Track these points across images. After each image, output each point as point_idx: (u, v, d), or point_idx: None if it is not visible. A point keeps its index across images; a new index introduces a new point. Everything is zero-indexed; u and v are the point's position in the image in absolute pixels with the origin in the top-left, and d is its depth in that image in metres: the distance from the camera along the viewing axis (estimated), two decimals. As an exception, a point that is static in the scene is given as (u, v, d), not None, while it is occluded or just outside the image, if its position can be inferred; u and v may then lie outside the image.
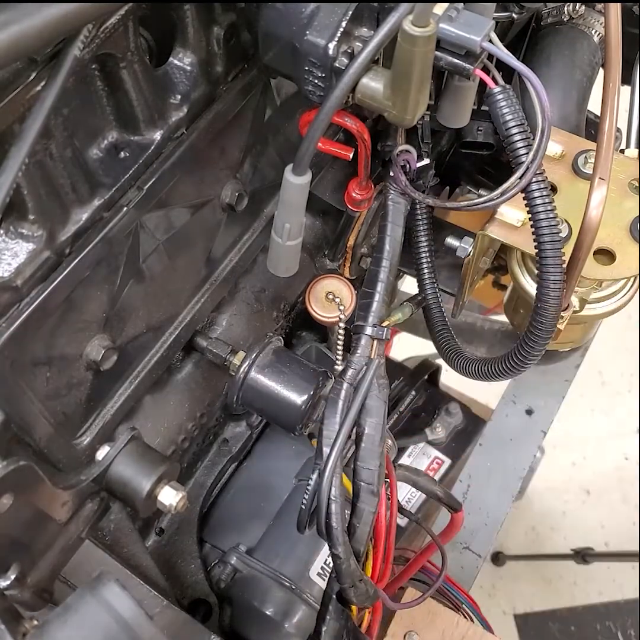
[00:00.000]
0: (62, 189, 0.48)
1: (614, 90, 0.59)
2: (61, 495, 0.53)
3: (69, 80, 0.42)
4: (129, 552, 0.64)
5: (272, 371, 0.62)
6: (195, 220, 0.61)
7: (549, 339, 0.62)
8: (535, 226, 0.55)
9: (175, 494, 0.55)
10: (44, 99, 0.41)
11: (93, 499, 0.58)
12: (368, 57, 0.49)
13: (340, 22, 0.51)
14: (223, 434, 0.79)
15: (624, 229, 0.66)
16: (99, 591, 0.48)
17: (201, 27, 0.54)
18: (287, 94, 0.66)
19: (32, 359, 0.50)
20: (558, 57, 0.72)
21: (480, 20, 0.51)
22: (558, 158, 0.69)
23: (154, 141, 0.53)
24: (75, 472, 0.56)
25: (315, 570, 0.74)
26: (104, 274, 0.54)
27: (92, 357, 0.55)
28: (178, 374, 0.69)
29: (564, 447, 1.77)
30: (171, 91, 0.55)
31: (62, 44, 0.42)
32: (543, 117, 0.53)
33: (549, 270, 0.57)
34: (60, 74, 0.42)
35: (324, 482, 0.55)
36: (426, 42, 0.47)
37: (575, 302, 0.67)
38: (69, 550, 0.57)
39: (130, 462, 0.54)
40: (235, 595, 0.74)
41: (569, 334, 0.72)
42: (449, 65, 0.52)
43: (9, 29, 0.36)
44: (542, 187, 0.54)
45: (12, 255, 0.47)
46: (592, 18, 0.73)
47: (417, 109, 0.51)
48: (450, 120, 0.60)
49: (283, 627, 0.71)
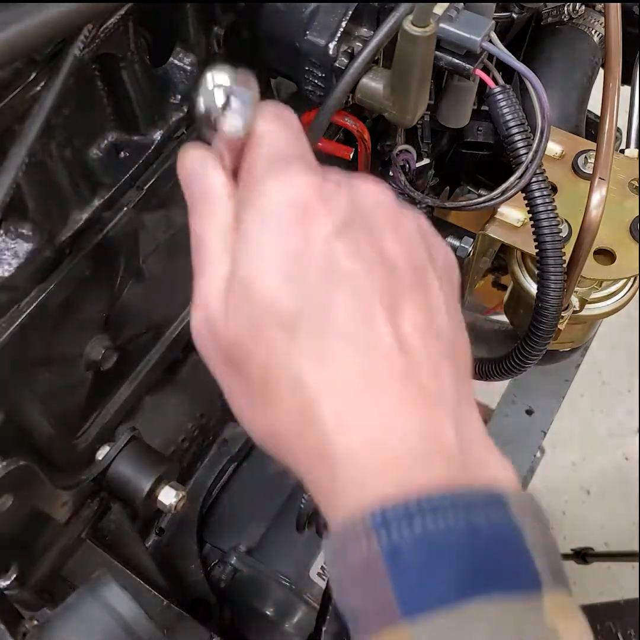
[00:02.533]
0: (62, 189, 0.48)
1: (614, 91, 0.59)
2: (61, 496, 0.53)
3: (69, 80, 0.42)
4: (128, 552, 0.64)
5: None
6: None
7: (549, 339, 0.62)
8: (536, 226, 0.55)
9: (175, 494, 0.55)
10: (43, 99, 0.41)
11: (93, 499, 0.58)
12: (368, 57, 0.49)
13: (341, 22, 0.51)
14: (223, 434, 0.79)
15: (624, 229, 0.66)
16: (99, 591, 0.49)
17: (201, 27, 0.54)
18: (287, 94, 0.66)
19: (32, 359, 0.50)
20: (558, 57, 0.72)
21: (480, 20, 0.51)
22: (558, 158, 0.69)
23: (154, 141, 0.53)
24: (75, 472, 0.56)
25: (315, 570, 0.74)
26: (104, 274, 0.54)
27: (92, 357, 0.55)
28: (178, 373, 0.69)
29: (564, 447, 1.76)
30: (171, 91, 0.54)
31: (62, 44, 0.42)
32: (543, 117, 0.53)
33: (549, 270, 0.57)
34: (60, 74, 0.42)
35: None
36: (426, 42, 0.47)
37: (575, 302, 0.67)
38: (68, 550, 0.57)
39: (130, 462, 0.54)
40: (235, 595, 0.74)
41: (569, 334, 0.72)
42: (449, 65, 0.52)
43: (8, 28, 0.36)
44: (543, 186, 0.54)
45: (12, 255, 0.47)
46: (592, 18, 0.73)
47: (417, 109, 0.52)
48: (450, 120, 0.60)
49: (283, 627, 0.71)
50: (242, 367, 0.33)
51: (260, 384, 0.33)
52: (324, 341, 0.31)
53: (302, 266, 0.32)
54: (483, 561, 0.29)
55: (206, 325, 0.34)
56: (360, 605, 0.30)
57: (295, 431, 0.33)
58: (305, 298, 0.32)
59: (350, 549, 0.30)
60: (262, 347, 0.32)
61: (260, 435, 0.35)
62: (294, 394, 0.32)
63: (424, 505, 0.29)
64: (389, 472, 0.31)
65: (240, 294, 0.33)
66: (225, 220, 0.35)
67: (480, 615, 0.28)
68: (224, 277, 0.34)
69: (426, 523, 0.29)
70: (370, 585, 0.30)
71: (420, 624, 0.28)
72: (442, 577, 0.29)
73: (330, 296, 0.32)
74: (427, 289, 0.34)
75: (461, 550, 0.29)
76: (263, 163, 0.35)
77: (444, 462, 0.31)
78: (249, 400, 0.35)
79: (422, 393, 0.32)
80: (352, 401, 0.31)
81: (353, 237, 0.33)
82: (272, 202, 0.33)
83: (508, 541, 0.30)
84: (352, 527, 0.30)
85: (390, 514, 0.29)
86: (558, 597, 0.30)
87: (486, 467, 0.32)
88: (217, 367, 0.35)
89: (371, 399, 0.31)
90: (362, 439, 0.31)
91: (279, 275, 0.32)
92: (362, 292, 0.32)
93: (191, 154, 0.38)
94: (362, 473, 0.31)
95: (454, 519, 0.29)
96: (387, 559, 0.29)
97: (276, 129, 0.36)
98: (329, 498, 0.32)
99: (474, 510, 0.29)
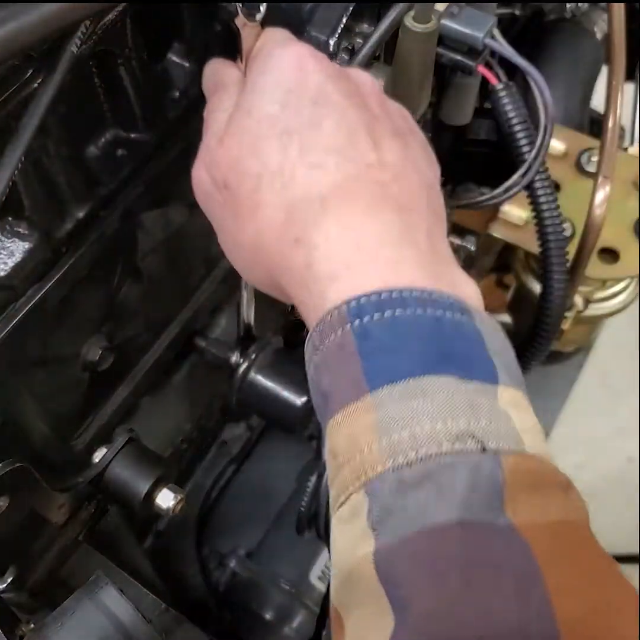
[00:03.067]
0: (59, 187, 0.48)
1: (617, 88, 0.58)
2: (58, 498, 0.53)
3: (66, 77, 0.42)
4: (126, 555, 0.64)
5: (271, 372, 0.61)
6: (194, 218, 0.60)
7: (552, 339, 0.62)
8: (539, 225, 0.55)
9: (174, 496, 0.54)
10: (40, 96, 0.41)
11: (90, 501, 0.57)
12: (369, 53, 0.49)
13: (341, 18, 0.50)
14: (222, 435, 0.78)
15: (629, 228, 0.65)
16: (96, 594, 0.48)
17: (200, 24, 0.53)
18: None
19: (28, 359, 0.50)
20: (561, 55, 0.71)
21: (483, 17, 0.51)
22: (561, 156, 0.69)
23: (152, 139, 0.53)
24: (72, 474, 0.55)
25: (315, 574, 0.74)
26: (101, 273, 0.53)
27: (89, 358, 0.54)
28: (176, 374, 0.69)
29: (566, 448, 1.76)
30: (170, 88, 0.54)
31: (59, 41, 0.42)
32: (545, 114, 0.52)
33: (553, 269, 0.56)
34: (58, 71, 0.41)
35: (323, 483, 0.55)
36: (428, 39, 0.47)
37: (579, 302, 0.66)
38: (66, 553, 0.57)
39: (127, 464, 0.54)
40: (235, 598, 0.73)
41: (573, 334, 0.72)
42: (451, 62, 0.51)
43: (5, 25, 0.36)
44: (546, 184, 0.53)
45: (8, 254, 0.47)
46: (596, 15, 0.73)
47: (419, 106, 0.51)
48: (452, 118, 0.60)
49: (282, 630, 0.71)
50: (236, 186, 0.38)
51: (252, 193, 0.37)
52: (313, 152, 0.36)
53: (298, 96, 0.38)
54: (445, 347, 0.32)
55: (204, 165, 0.40)
56: (331, 384, 0.33)
57: (281, 237, 0.36)
58: (300, 118, 0.37)
59: (326, 335, 0.33)
60: (259, 157, 0.37)
61: (245, 253, 0.40)
62: (283, 195, 0.36)
63: (395, 297, 0.32)
64: (366, 271, 0.34)
65: (241, 117, 0.39)
66: (234, 98, 0.41)
67: (438, 386, 0.31)
68: (224, 120, 0.40)
69: (395, 311, 0.32)
70: (341, 364, 0.32)
71: (384, 392, 0.31)
72: (406, 354, 0.32)
73: (321, 118, 0.37)
74: (405, 139, 0.39)
75: (426, 335, 0.32)
76: (270, 42, 0.42)
77: (417, 265, 0.34)
78: (238, 221, 0.39)
79: (398, 202, 0.36)
80: (335, 205, 0.35)
81: (343, 85, 0.39)
82: (275, 56, 0.40)
83: (469, 337, 0.32)
84: (330, 317, 0.33)
85: (364, 303, 0.33)
86: (512, 392, 0.32)
87: (456, 278, 0.35)
88: (212, 200, 0.40)
89: (353, 202, 0.35)
90: (343, 239, 0.34)
91: (278, 101, 0.38)
92: (348, 120, 0.37)
93: (212, 62, 0.46)
94: (340, 272, 0.34)
95: (421, 310, 0.32)
96: (357, 338, 0.32)
97: (281, 30, 0.44)
98: (312, 298, 0.35)
99: (440, 308, 0.33)
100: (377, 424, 0.30)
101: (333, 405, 0.32)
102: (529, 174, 0.53)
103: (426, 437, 0.29)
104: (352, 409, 0.31)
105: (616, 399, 1.85)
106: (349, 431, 0.31)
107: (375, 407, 0.31)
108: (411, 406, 0.30)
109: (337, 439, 0.31)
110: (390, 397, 0.31)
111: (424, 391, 0.30)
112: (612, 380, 1.87)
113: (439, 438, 0.29)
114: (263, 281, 0.41)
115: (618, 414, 1.84)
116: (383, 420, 0.30)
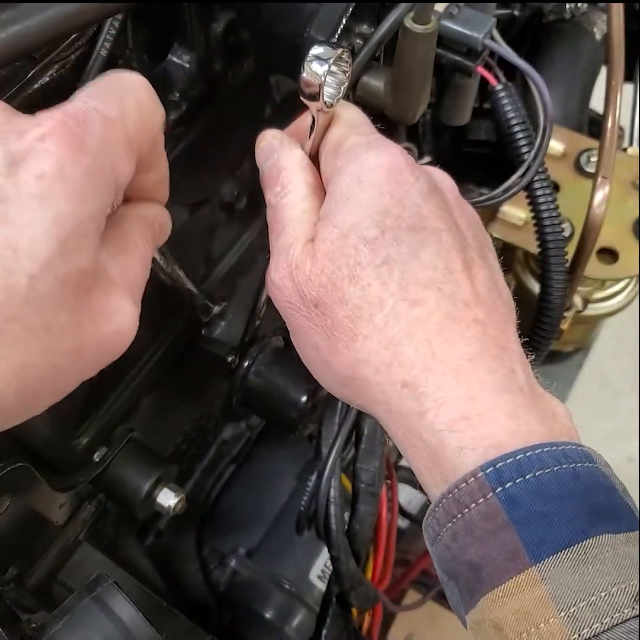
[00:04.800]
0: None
1: (616, 88, 0.59)
2: (59, 497, 0.53)
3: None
4: (127, 554, 0.64)
5: (271, 371, 0.61)
6: (194, 219, 0.60)
7: (552, 339, 0.62)
8: (538, 225, 0.55)
9: (174, 495, 0.55)
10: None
11: (91, 500, 0.57)
12: (369, 55, 0.49)
13: (341, 19, 0.50)
14: (222, 435, 0.78)
15: (627, 228, 0.65)
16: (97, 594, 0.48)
17: (200, 25, 0.53)
18: (287, 92, 0.65)
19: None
20: (560, 55, 0.72)
21: (482, 18, 0.51)
22: (560, 156, 0.69)
23: (153, 139, 0.53)
24: (73, 473, 0.55)
25: (316, 573, 0.74)
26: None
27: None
28: (177, 374, 0.69)
29: (565, 448, 1.76)
30: (170, 89, 0.54)
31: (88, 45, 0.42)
32: (545, 114, 0.52)
33: (552, 269, 0.56)
34: (90, 75, 0.42)
35: (322, 483, 0.55)
36: (427, 40, 0.47)
37: (578, 302, 0.66)
38: (66, 552, 0.57)
39: (128, 464, 0.54)
40: (235, 598, 0.73)
41: (572, 335, 0.72)
42: (450, 62, 0.51)
43: (9, 28, 0.36)
44: (545, 185, 0.53)
45: None
46: (595, 16, 0.73)
47: (418, 107, 0.51)
48: (452, 118, 0.60)
49: (283, 630, 0.71)
50: (329, 308, 0.37)
51: (348, 321, 0.36)
52: (413, 286, 0.36)
53: (396, 218, 0.37)
54: (591, 504, 0.32)
55: (290, 276, 0.38)
56: (483, 555, 0.32)
57: (385, 377, 0.35)
58: (399, 246, 0.36)
59: (465, 505, 0.32)
60: (357, 286, 0.36)
61: (336, 376, 0.38)
62: (384, 332, 0.35)
63: (529, 456, 0.32)
64: (485, 423, 0.33)
65: (337, 237, 0.37)
66: (304, 189, 0.40)
67: (600, 549, 0.30)
68: (307, 233, 0.38)
69: (536, 473, 0.32)
70: (491, 534, 0.31)
71: (550, 563, 0.30)
72: (562, 519, 0.31)
73: (419, 247, 0.36)
74: (487, 256, 0.39)
75: (572, 494, 0.31)
76: (352, 135, 0.40)
77: (529, 411, 0.34)
78: (332, 343, 0.37)
79: (497, 342, 0.35)
80: (443, 351, 0.35)
81: (435, 201, 0.38)
82: (367, 161, 0.38)
83: (604, 486, 0.33)
84: (465, 484, 0.32)
85: (501, 467, 0.32)
86: None
87: (553, 405, 0.36)
88: (296, 313, 0.39)
89: (458, 348, 0.35)
90: (457, 389, 0.34)
91: (376, 225, 0.36)
92: (444, 247, 0.37)
93: (267, 134, 0.43)
94: (458, 424, 0.33)
95: (558, 466, 0.32)
96: (505, 506, 0.31)
97: (355, 109, 0.42)
98: (426, 447, 0.34)
99: (573, 461, 0.32)
100: (549, 597, 0.30)
101: (489, 577, 0.32)
102: (528, 174, 0.53)
103: (607, 606, 0.30)
104: (517, 582, 0.31)
105: (616, 399, 1.85)
106: (518, 605, 0.30)
107: (543, 580, 0.30)
108: (581, 574, 0.30)
109: (502, 613, 0.31)
110: (557, 568, 0.30)
111: (588, 557, 0.30)
112: (612, 380, 1.87)
113: (618, 604, 0.30)
114: (346, 398, 0.40)
115: (618, 414, 1.84)
116: (556, 592, 0.30)
